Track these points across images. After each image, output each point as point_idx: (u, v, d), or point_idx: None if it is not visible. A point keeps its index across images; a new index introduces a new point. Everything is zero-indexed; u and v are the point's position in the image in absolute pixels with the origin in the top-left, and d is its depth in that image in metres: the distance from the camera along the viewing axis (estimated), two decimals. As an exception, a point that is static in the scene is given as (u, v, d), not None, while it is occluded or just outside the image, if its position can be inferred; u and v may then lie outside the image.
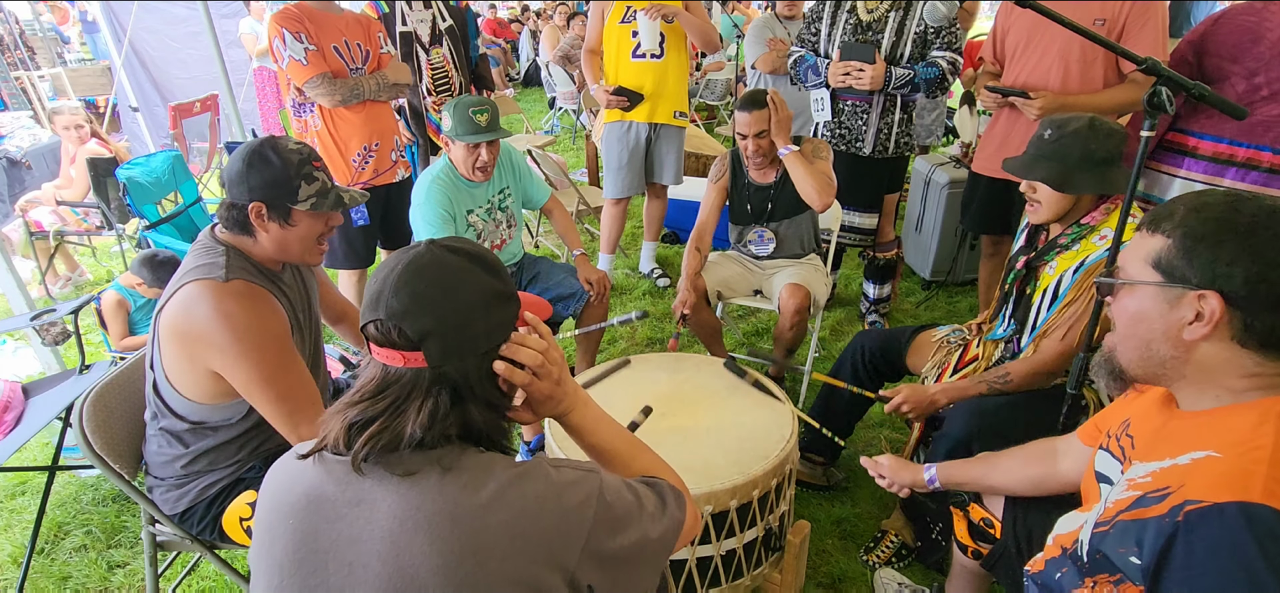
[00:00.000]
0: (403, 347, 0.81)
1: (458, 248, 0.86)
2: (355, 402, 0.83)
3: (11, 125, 5.09)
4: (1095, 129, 1.58)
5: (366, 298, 0.84)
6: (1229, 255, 0.84)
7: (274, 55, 2.53)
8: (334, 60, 2.56)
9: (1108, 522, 0.94)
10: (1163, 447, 0.93)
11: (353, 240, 2.76)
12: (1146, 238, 0.93)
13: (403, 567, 0.77)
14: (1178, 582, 0.81)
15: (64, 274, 4.04)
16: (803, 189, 2.37)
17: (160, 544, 1.55)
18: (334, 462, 0.83)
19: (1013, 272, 1.80)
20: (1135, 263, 0.95)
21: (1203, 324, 0.86)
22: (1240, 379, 0.88)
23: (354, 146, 2.66)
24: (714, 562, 1.56)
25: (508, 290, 0.89)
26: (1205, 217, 0.87)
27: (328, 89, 2.52)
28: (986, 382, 1.73)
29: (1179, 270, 0.88)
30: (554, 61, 7.08)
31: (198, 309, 1.29)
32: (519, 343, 0.90)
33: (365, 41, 2.67)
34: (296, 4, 2.54)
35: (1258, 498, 0.77)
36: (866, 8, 2.71)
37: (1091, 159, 1.57)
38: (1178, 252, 0.88)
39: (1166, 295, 0.90)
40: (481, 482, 0.80)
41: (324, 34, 2.53)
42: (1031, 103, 2.32)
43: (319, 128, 2.62)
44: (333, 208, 1.43)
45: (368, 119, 2.67)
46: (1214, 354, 0.88)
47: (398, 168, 2.82)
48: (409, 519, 0.78)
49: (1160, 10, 2.21)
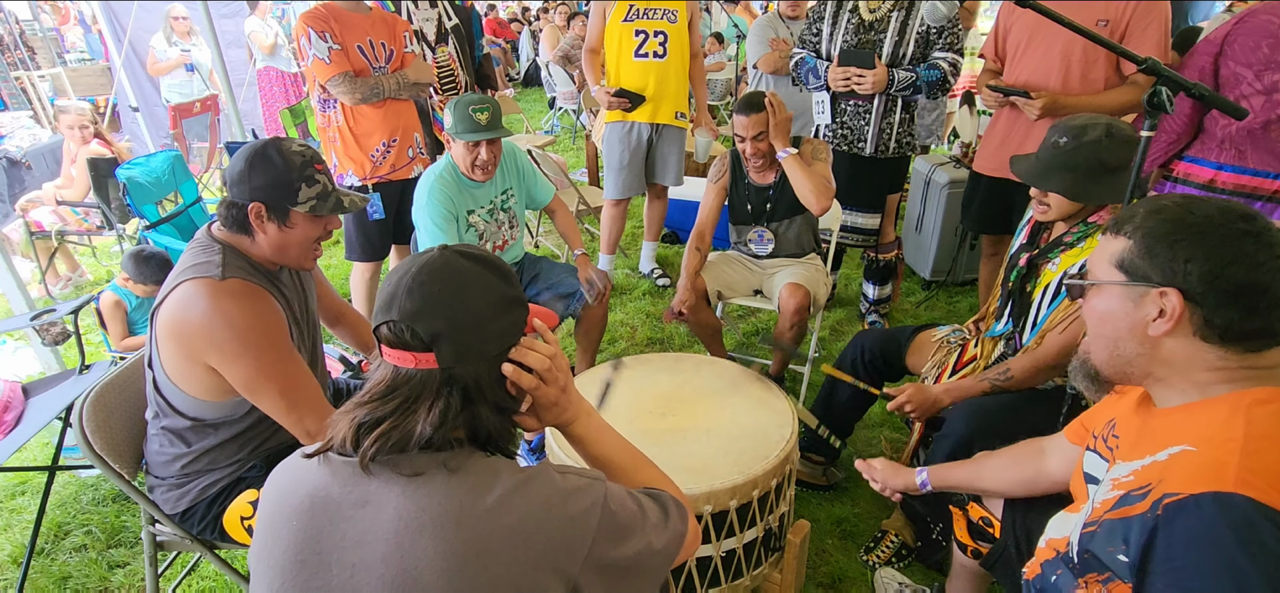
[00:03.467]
0: (415, 347, 0.82)
1: (470, 254, 0.88)
2: (364, 402, 0.84)
3: (11, 125, 5.09)
4: (1113, 136, 1.57)
5: (380, 300, 0.86)
6: (1185, 253, 0.88)
7: (299, 53, 2.61)
8: (357, 59, 2.61)
9: (1095, 522, 0.96)
10: (1144, 445, 0.96)
11: (368, 232, 2.82)
12: (1111, 240, 0.98)
13: (407, 568, 0.77)
14: (1161, 574, 0.83)
15: (64, 274, 4.04)
16: (800, 193, 2.37)
17: (160, 544, 1.55)
18: (340, 463, 0.83)
19: (1015, 269, 1.80)
20: (1101, 265, 0.99)
21: (1166, 320, 0.90)
22: (1206, 372, 0.91)
23: (374, 141, 2.71)
24: (713, 562, 1.56)
25: (517, 296, 0.91)
26: (1163, 218, 0.91)
27: (348, 87, 2.58)
28: (989, 379, 1.73)
29: (1141, 269, 0.92)
30: (554, 61, 7.08)
31: (194, 307, 1.29)
32: (527, 347, 0.91)
33: (389, 40, 2.72)
34: (324, 3, 2.61)
35: (1231, 487, 0.79)
36: (868, 7, 2.70)
37: (1105, 167, 1.58)
38: (1139, 252, 0.92)
39: (1130, 294, 0.94)
40: (487, 485, 0.80)
41: (349, 33, 2.58)
42: (1032, 103, 2.32)
43: (340, 123, 2.68)
44: (332, 212, 1.43)
45: (387, 115, 2.72)
46: (1179, 350, 0.92)
47: (415, 164, 2.86)
48: (414, 520, 0.78)
49: (1163, 11, 2.21)
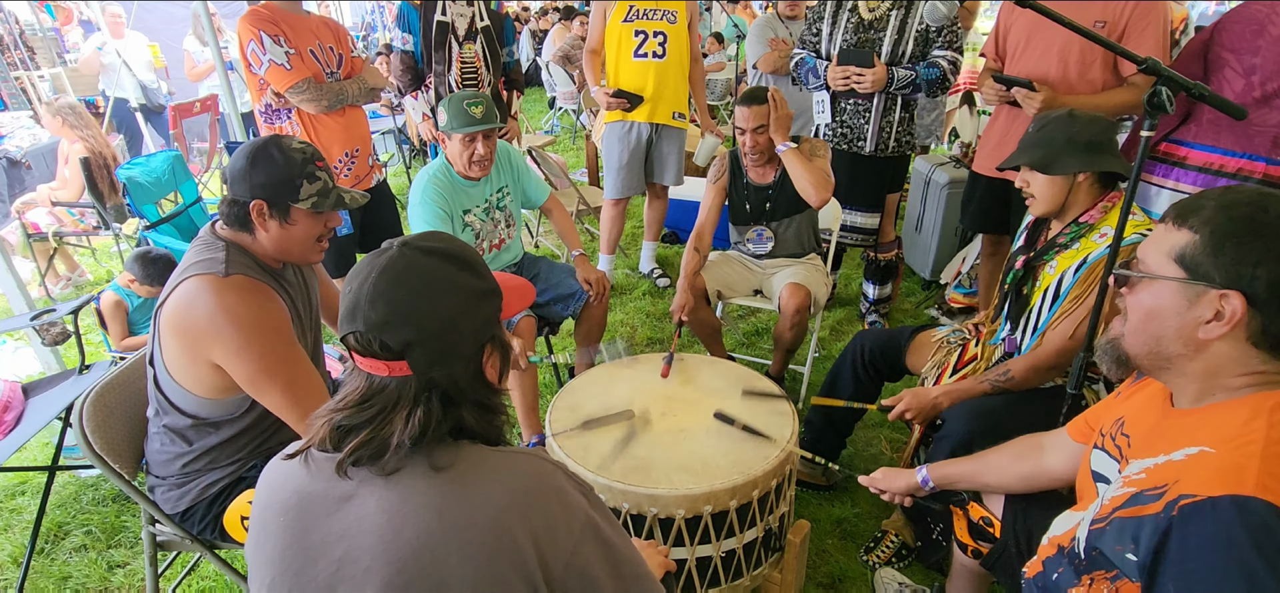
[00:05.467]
0: (386, 357, 0.80)
1: (431, 248, 0.83)
2: (340, 408, 0.82)
3: (11, 125, 5.09)
4: (1075, 116, 1.63)
5: (343, 307, 0.82)
6: (1256, 256, 0.83)
7: (251, 59, 2.38)
8: (312, 64, 2.47)
9: (1104, 519, 0.94)
10: (1158, 444, 0.93)
11: (339, 246, 2.67)
12: (1172, 231, 0.91)
13: (390, 560, 0.77)
14: (1173, 576, 0.81)
15: (64, 274, 4.04)
16: (800, 185, 2.37)
17: (160, 544, 1.55)
18: (321, 460, 0.83)
19: (1012, 272, 1.80)
20: (1157, 256, 0.92)
21: (1222, 324, 0.86)
22: (1239, 377, 0.88)
23: (335, 153, 2.60)
24: (713, 562, 1.56)
25: (487, 286, 0.86)
26: (1234, 215, 0.85)
27: (313, 94, 2.45)
28: (989, 380, 1.73)
29: (1203, 268, 0.87)
30: (555, 62, 7.07)
31: (199, 304, 1.29)
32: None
33: (337, 45, 2.60)
34: (265, 4, 2.42)
35: (1250, 491, 0.78)
36: (868, 7, 2.71)
37: (1076, 142, 1.60)
38: (1203, 248, 0.87)
39: (1187, 292, 0.88)
40: (470, 479, 0.80)
41: (300, 37, 2.44)
42: (1034, 96, 2.30)
43: (297, 134, 2.52)
44: (333, 208, 1.43)
45: (348, 125, 2.62)
46: (1225, 353, 0.88)
47: (374, 172, 2.81)
48: (396, 513, 0.78)
49: (1162, 11, 2.21)
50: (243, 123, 4.75)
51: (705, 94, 3.76)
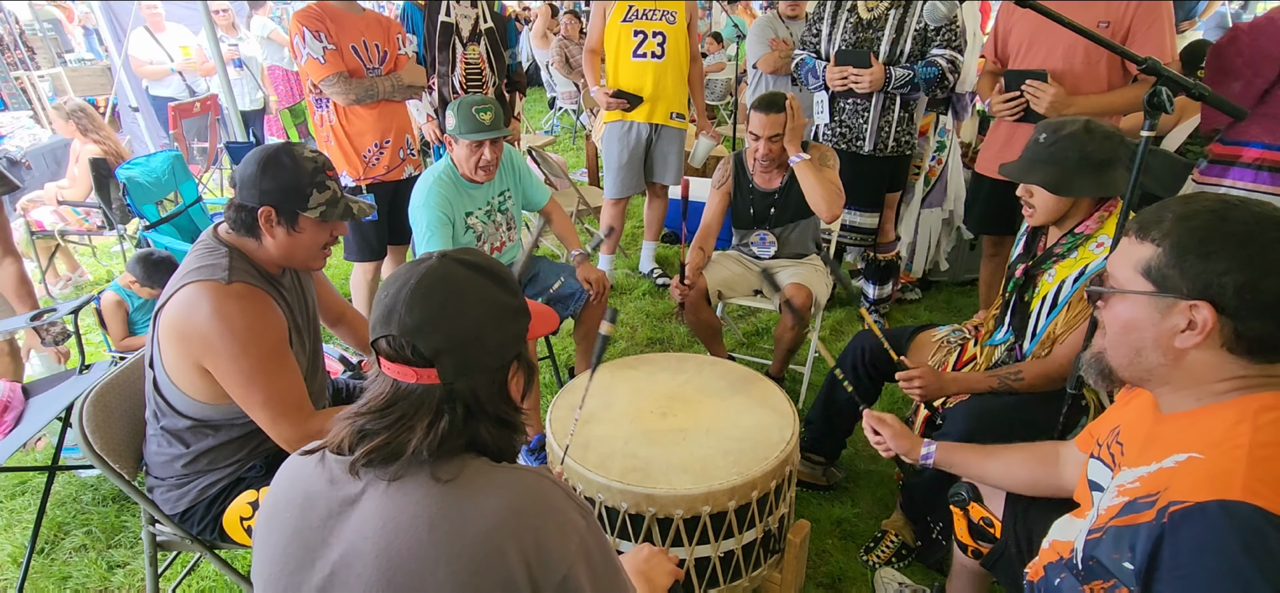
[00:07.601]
0: (416, 363, 0.81)
1: (468, 261, 0.86)
2: (363, 412, 0.84)
3: (11, 125, 5.09)
4: (1091, 131, 1.58)
5: (377, 312, 0.84)
6: (1220, 266, 0.84)
7: (293, 52, 2.61)
8: (351, 59, 2.62)
9: (1100, 529, 0.95)
10: (1150, 452, 0.94)
11: (364, 232, 2.83)
12: (1136, 245, 0.92)
13: (384, 567, 0.78)
14: (1167, 583, 0.82)
15: (64, 274, 4.04)
16: (812, 200, 2.36)
17: (160, 544, 1.55)
18: (334, 462, 0.84)
19: (1012, 279, 1.80)
20: (1125, 270, 0.94)
21: (1194, 333, 0.87)
22: (1222, 381, 0.89)
23: (366, 142, 2.71)
24: (712, 563, 1.56)
25: (518, 304, 0.89)
26: (1194, 225, 0.87)
27: (343, 87, 2.58)
28: (999, 376, 1.71)
29: (1170, 280, 0.88)
30: (555, 66, 7.07)
31: (198, 310, 1.30)
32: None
33: (383, 42, 2.72)
34: (318, 2, 2.59)
35: (1238, 495, 0.78)
36: (866, 6, 2.70)
37: (1089, 161, 1.57)
38: (1168, 261, 0.88)
39: (1158, 305, 0.89)
40: (467, 493, 0.80)
41: (343, 33, 2.58)
42: (1046, 91, 2.27)
43: (334, 122, 2.68)
44: (341, 218, 1.43)
45: (381, 117, 2.72)
46: (1202, 360, 0.89)
47: (406, 165, 2.87)
48: (391, 522, 0.78)
49: (1166, 10, 2.20)
50: (243, 122, 4.75)
51: (704, 94, 3.76)
